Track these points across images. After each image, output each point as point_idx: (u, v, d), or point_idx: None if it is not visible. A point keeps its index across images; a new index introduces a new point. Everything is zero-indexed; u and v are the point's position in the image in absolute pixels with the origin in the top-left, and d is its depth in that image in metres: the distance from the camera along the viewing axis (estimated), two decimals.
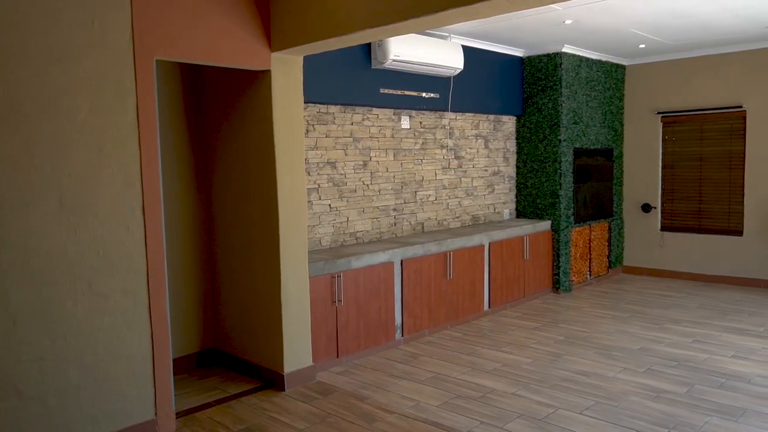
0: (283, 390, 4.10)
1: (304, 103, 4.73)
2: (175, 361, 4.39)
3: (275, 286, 4.09)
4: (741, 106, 6.89)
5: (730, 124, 7.03)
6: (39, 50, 2.94)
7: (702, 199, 7.31)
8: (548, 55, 6.62)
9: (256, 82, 4.05)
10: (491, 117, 6.64)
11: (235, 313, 4.48)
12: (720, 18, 5.43)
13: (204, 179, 4.61)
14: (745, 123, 6.91)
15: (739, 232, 7.03)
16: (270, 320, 4.17)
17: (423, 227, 5.95)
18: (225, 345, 4.62)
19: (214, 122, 4.48)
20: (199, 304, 4.63)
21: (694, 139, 7.31)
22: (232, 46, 3.70)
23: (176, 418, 3.67)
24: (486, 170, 6.63)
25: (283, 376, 4.11)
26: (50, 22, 2.97)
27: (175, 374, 4.37)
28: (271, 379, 4.21)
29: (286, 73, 4.02)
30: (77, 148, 3.09)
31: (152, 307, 3.39)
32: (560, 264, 6.76)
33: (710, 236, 7.23)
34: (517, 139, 7.00)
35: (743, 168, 6.95)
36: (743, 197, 6.97)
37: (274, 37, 3.88)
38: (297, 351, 4.18)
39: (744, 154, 6.94)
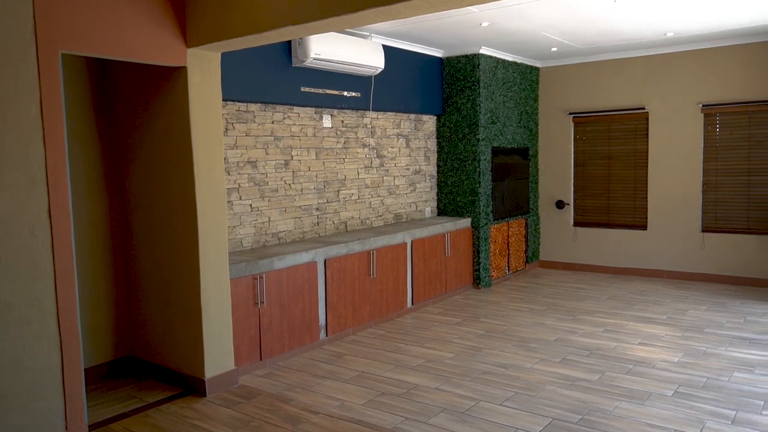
0: (205, 396, 3.99)
1: (223, 101, 4.62)
2: (87, 370, 4.18)
3: (194, 288, 3.97)
4: (644, 108, 7.33)
5: (635, 124, 7.46)
6: None
7: (610, 196, 7.72)
8: (466, 56, 6.78)
9: (171, 79, 3.91)
10: (412, 116, 6.73)
11: (153, 318, 4.32)
12: (622, 24, 5.75)
13: (117, 179, 4.41)
14: (647, 123, 7.35)
15: (643, 227, 7.47)
16: (189, 324, 4.05)
17: (346, 226, 5.95)
18: (142, 352, 4.44)
19: (128, 120, 4.29)
20: (112, 311, 4.43)
21: (603, 139, 7.70)
22: (145, 40, 3.55)
23: (89, 431, 3.49)
24: (408, 169, 6.71)
25: (204, 381, 4.00)
26: None
27: (87, 385, 4.17)
28: (191, 385, 4.09)
29: (204, 70, 3.91)
30: None
31: (61, 316, 3.21)
32: (480, 260, 6.94)
33: (618, 230, 7.65)
34: (437, 138, 7.13)
35: (647, 166, 7.39)
36: (647, 194, 7.42)
37: (190, 33, 3.76)
38: (218, 355, 4.08)
39: (647, 152, 7.38)
